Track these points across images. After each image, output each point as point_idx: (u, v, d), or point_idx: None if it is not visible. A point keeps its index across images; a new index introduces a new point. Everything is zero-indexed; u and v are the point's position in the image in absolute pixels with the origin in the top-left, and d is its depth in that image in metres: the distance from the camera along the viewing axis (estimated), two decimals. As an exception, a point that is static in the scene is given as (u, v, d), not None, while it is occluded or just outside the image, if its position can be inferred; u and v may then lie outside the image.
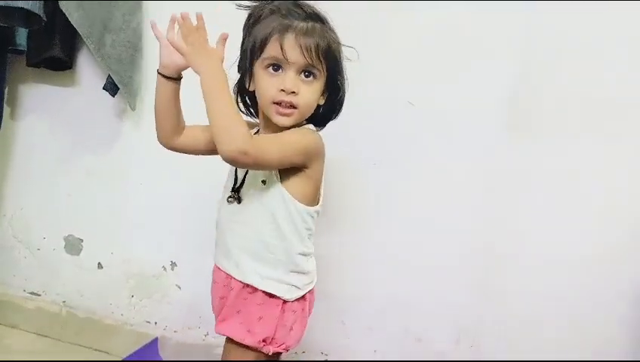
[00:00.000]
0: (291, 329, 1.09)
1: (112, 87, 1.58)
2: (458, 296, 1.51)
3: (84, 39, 1.51)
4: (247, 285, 1.07)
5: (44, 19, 1.44)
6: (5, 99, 1.70)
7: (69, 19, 1.48)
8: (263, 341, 1.06)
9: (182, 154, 1.15)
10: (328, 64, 1.02)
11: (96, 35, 1.52)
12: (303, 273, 1.10)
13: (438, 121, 1.47)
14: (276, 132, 1.05)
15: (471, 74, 1.44)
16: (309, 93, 1.02)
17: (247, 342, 1.06)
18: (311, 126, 1.09)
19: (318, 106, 1.07)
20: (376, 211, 1.54)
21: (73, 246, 1.77)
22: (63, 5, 1.47)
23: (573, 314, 1.45)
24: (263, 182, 1.04)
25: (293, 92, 1.00)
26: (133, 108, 1.61)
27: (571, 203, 1.42)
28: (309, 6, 1.03)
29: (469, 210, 1.48)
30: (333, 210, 1.56)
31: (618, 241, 1.41)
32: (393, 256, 1.54)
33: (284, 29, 0.99)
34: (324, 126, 1.14)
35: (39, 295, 1.81)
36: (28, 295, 1.82)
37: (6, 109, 1.72)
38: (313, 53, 0.99)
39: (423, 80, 1.47)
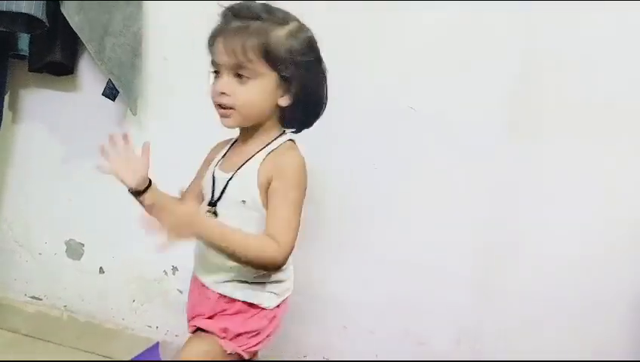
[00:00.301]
0: (257, 333, 1.08)
1: (111, 92, 1.59)
2: (459, 297, 1.51)
3: (85, 43, 1.52)
4: (224, 295, 1.07)
5: (47, 24, 1.44)
6: (7, 104, 1.71)
7: (70, 22, 1.48)
8: (224, 331, 1.06)
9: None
10: (271, 62, 1.00)
11: (96, 39, 1.53)
12: (281, 281, 1.10)
13: (437, 121, 1.48)
14: (249, 135, 1.07)
15: (471, 75, 1.45)
16: (245, 93, 1.01)
17: (209, 326, 1.07)
18: (289, 137, 1.09)
19: (283, 107, 1.05)
20: (376, 213, 1.54)
21: (74, 250, 1.78)
22: (64, 9, 1.48)
23: (573, 315, 1.45)
24: (243, 201, 1.03)
25: (223, 93, 1.01)
26: (134, 113, 1.62)
27: (572, 203, 1.42)
28: (249, 7, 1.03)
29: (469, 211, 1.48)
30: (333, 213, 1.56)
31: (619, 242, 1.41)
32: (394, 258, 1.54)
33: (216, 34, 1.02)
34: (301, 130, 1.13)
35: (40, 299, 1.81)
36: (29, 299, 1.82)
37: (8, 114, 1.73)
38: (239, 53, 0.99)
39: (423, 81, 1.48)
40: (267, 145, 1.05)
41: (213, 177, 1.09)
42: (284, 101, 1.04)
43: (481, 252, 1.49)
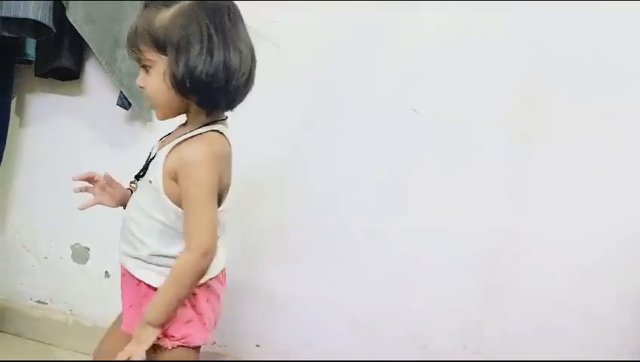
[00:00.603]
0: (188, 321, 1.06)
1: (123, 103, 1.60)
2: (463, 301, 1.51)
3: (97, 55, 1.53)
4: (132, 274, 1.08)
5: (54, 29, 1.45)
6: (13, 109, 1.72)
7: (80, 32, 1.50)
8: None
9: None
10: (157, 47, 0.98)
11: (107, 51, 1.54)
12: None
13: (440, 124, 1.48)
14: (186, 120, 1.06)
15: (474, 77, 1.45)
16: (149, 84, 1.01)
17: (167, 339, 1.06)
18: (215, 127, 1.04)
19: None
20: (380, 217, 1.55)
21: (80, 254, 1.78)
22: (71, 18, 1.49)
23: (578, 318, 1.45)
24: (150, 181, 1.03)
25: (141, 87, 1.03)
26: (149, 120, 1.63)
27: (575, 207, 1.43)
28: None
29: (472, 214, 1.49)
30: (338, 216, 1.56)
31: (621, 245, 1.41)
32: (398, 263, 1.54)
33: None
34: (212, 106, 1.03)
35: (46, 303, 1.82)
36: (35, 303, 1.82)
37: (15, 119, 1.74)
38: (132, 45, 1.00)
39: (425, 83, 1.48)
40: (190, 131, 1.02)
41: (150, 152, 1.10)
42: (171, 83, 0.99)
43: (485, 255, 1.49)
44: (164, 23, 0.97)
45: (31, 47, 1.62)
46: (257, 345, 1.67)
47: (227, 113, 1.08)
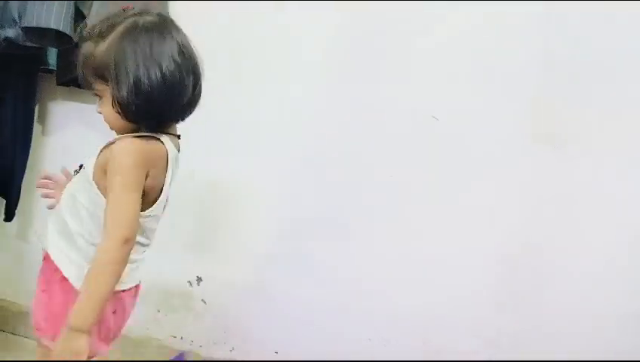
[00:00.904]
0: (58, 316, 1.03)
1: None
2: (478, 307, 1.51)
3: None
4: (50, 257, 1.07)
5: (74, 39, 1.48)
6: (35, 118, 1.75)
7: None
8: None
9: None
10: (102, 78, 1.01)
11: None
12: None
13: (460, 131, 1.48)
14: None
15: (494, 84, 1.45)
16: (103, 111, 1.04)
17: (44, 332, 1.05)
18: (149, 133, 1.04)
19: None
20: (396, 224, 1.54)
21: (99, 261, 1.79)
22: (92, 26, 1.52)
23: (597, 326, 1.43)
24: (81, 166, 1.05)
25: (99, 113, 1.04)
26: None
27: (595, 214, 1.42)
28: (89, 27, 1.05)
29: (491, 221, 1.49)
30: (352, 223, 1.56)
31: (632, 250, 1.39)
32: (413, 269, 1.54)
33: None
34: (159, 126, 1.04)
35: (67, 309, 1.84)
36: (56, 309, 1.84)
37: (36, 127, 1.76)
38: (83, 79, 1.04)
39: (445, 90, 1.48)
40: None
41: None
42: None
43: (502, 262, 1.49)
44: (102, 52, 1.00)
45: (52, 56, 1.65)
46: (276, 352, 1.66)
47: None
